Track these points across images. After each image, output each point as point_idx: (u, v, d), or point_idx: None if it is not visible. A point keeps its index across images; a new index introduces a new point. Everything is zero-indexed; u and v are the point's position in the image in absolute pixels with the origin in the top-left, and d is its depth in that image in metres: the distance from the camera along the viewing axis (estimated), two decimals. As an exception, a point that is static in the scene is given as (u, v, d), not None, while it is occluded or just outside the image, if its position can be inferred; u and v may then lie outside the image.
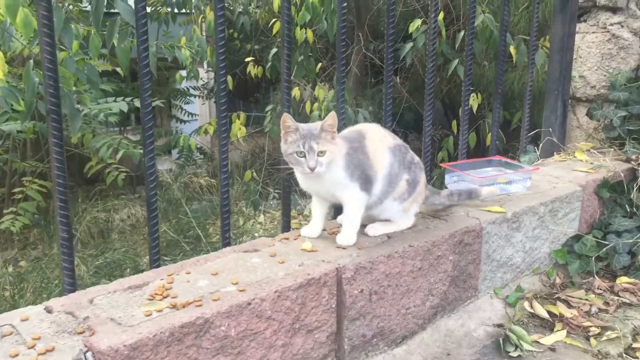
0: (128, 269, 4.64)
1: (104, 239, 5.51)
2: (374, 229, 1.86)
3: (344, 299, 1.65)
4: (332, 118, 1.63)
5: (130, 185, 7.06)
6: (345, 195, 1.73)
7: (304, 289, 1.55)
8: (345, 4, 2.00)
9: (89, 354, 1.21)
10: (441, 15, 4.91)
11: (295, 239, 1.85)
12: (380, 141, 1.79)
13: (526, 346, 1.87)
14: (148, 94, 1.64)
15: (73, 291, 1.53)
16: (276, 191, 6.39)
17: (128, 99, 5.22)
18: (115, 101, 5.31)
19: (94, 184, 6.77)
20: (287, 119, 1.64)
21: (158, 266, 1.70)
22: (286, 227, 2.03)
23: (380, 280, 1.73)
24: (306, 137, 1.61)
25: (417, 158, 1.89)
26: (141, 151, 4.73)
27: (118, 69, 5.08)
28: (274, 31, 5.23)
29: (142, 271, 4.33)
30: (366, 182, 1.73)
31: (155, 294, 1.45)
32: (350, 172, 1.69)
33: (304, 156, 1.62)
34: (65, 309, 1.37)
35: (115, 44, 3.91)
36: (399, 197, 1.81)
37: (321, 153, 1.62)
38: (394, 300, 1.78)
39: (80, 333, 1.27)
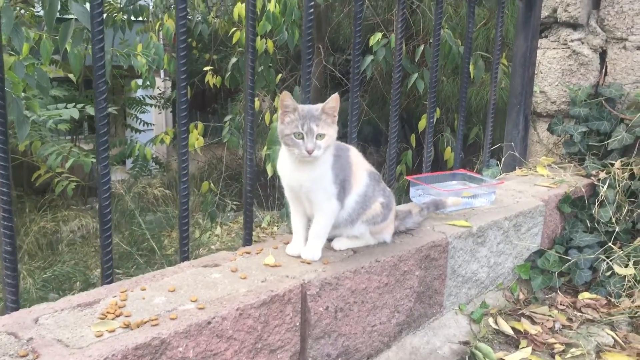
0: (78, 282, 4.45)
1: (52, 250, 5.28)
2: (340, 243, 1.79)
3: (308, 316, 1.58)
4: (334, 100, 1.55)
5: (82, 195, 6.82)
6: (322, 202, 1.64)
7: (267, 306, 1.47)
8: (312, 13, 1.95)
9: (31, 381, 1.10)
10: (402, 29, 4.94)
11: (257, 253, 1.77)
12: (361, 160, 1.76)
13: (492, 364, 1.84)
14: (103, 97, 1.55)
15: (16, 309, 1.41)
16: (234, 203, 6.28)
17: (80, 106, 5.02)
18: (66, 107, 5.10)
19: (43, 194, 6.51)
20: (286, 97, 1.54)
21: (111, 282, 1.59)
22: (248, 241, 1.95)
23: (346, 297, 1.67)
24: (305, 118, 1.53)
25: (388, 189, 1.85)
26: (93, 160, 4.56)
27: (71, 76, 4.89)
28: (234, 40, 5.15)
29: (93, 285, 4.12)
30: (343, 191, 1.66)
31: (107, 312, 1.35)
32: (335, 174, 1.63)
33: (302, 138, 1.52)
34: (7, 329, 1.26)
35: (68, 49, 3.77)
36: (372, 219, 1.75)
37: (320, 136, 1.53)
38: (359, 318, 1.72)
39: (24, 356, 1.16)
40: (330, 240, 1.78)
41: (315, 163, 1.59)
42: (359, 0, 2.03)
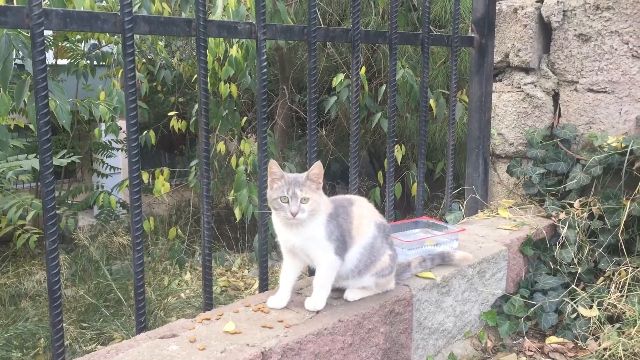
0: (42, 339, 4.30)
1: (16, 305, 5.12)
2: (353, 294, 1.84)
3: (270, 386, 1.54)
4: (318, 167, 1.67)
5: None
6: (319, 257, 1.72)
7: (226, 379, 1.43)
8: (265, 68, 1.95)
9: None
10: (363, 70, 5.01)
11: (217, 319, 1.73)
12: (368, 212, 1.83)
13: (462, 419, 1.81)
14: (49, 159, 1.51)
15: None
16: (203, 248, 6.19)
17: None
18: (27, 158, 5.00)
19: (7, 244, 6.33)
20: (273, 166, 1.68)
21: (63, 361, 1.53)
22: (208, 305, 1.90)
23: (309, 362, 1.63)
24: (291, 184, 1.65)
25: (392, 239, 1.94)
26: (57, 211, 4.44)
27: (32, 125, 4.82)
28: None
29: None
30: (341, 247, 1.73)
31: (57, 398, 1.29)
32: (330, 231, 1.70)
33: (287, 202, 1.64)
34: None
35: (26, 103, 3.71)
36: (380, 272, 1.81)
37: (304, 200, 1.65)
38: (324, 382, 1.68)
39: None
40: (342, 290, 1.85)
41: (303, 224, 1.68)
42: (313, 58, 2.05)
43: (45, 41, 2.22)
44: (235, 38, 3.91)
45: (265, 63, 1.95)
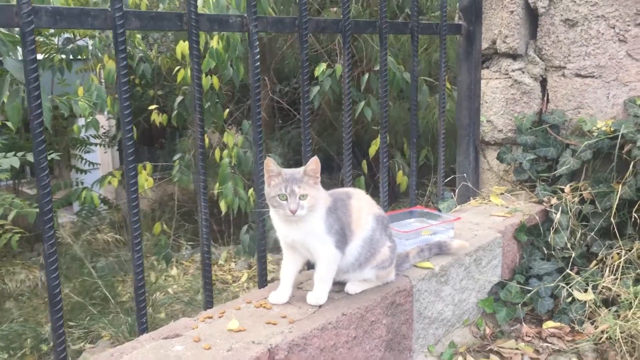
0: (29, 340, 4.24)
1: (-1, 306, 5.04)
2: (354, 287, 1.84)
3: (278, 383, 1.53)
4: (314, 163, 1.66)
5: (27, 242, 6.53)
6: (319, 251, 1.71)
7: (235, 379, 1.42)
8: (257, 61, 1.93)
9: None
10: (346, 59, 4.98)
11: (219, 317, 1.71)
12: (366, 204, 1.82)
13: (466, 407, 1.83)
14: (44, 161, 1.47)
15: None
16: (189, 243, 6.15)
17: (21, 153, 4.81)
18: (5, 156, 4.89)
19: (-12, 245, 6.19)
20: (270, 163, 1.66)
21: (65, 366, 1.50)
22: (209, 303, 1.88)
23: (315, 356, 1.63)
24: (288, 181, 1.64)
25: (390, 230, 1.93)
26: (37, 210, 4.35)
27: (9, 123, 4.71)
28: (179, 79, 5.08)
29: (44, 341, 3.96)
30: (341, 240, 1.72)
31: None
32: (329, 225, 1.69)
33: (286, 199, 1.63)
34: None
35: (5, 101, 3.62)
36: (381, 264, 1.81)
37: (303, 196, 1.64)
38: (330, 376, 1.68)
39: None
40: (343, 283, 1.84)
41: (303, 220, 1.67)
42: (304, 50, 2.02)
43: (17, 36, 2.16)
44: (227, 31, 3.85)
45: (258, 56, 1.92)
